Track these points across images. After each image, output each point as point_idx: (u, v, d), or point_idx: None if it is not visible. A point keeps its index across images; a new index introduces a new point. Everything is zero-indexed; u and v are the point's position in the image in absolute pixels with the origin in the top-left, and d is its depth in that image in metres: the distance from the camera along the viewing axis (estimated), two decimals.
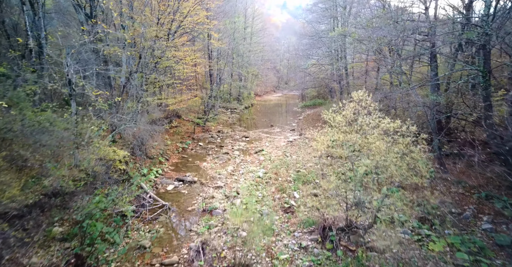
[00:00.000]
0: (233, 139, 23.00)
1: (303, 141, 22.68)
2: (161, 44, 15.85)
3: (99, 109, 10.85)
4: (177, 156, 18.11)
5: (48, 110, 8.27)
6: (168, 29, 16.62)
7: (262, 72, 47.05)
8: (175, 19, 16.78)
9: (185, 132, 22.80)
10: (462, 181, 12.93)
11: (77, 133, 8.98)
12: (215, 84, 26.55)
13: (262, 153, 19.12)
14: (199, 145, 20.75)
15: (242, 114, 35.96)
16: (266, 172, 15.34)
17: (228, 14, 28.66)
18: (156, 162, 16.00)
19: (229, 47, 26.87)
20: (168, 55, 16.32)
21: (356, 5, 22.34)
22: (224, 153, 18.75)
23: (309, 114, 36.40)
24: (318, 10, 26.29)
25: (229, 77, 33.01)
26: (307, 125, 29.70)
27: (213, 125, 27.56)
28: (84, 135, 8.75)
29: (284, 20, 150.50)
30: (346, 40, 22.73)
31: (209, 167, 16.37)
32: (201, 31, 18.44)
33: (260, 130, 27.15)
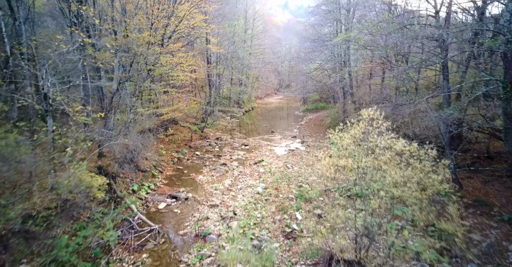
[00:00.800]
0: (232, 147, 21.99)
1: (305, 150, 21.65)
2: (155, 50, 14.85)
3: (83, 124, 9.86)
4: (172, 168, 17.11)
5: (14, 132, 7.29)
6: (162, 34, 15.63)
7: (263, 74, 45.99)
8: (170, 24, 15.79)
9: (182, 140, 21.81)
10: (479, 200, 11.86)
11: (54, 154, 8.01)
12: (214, 90, 25.54)
13: (262, 163, 18.09)
14: (195, 155, 19.74)
15: (242, 119, 34.97)
16: (266, 187, 14.31)
17: (227, 17, 27.66)
18: (148, 175, 15.00)
19: (228, 52, 25.86)
20: (163, 61, 15.32)
21: (361, 8, 21.31)
22: (221, 164, 17.73)
23: (311, 119, 35.37)
24: (321, 12, 25.24)
25: (229, 82, 32.03)
26: (309, 131, 28.68)
27: (212, 132, 26.58)
28: (63, 156, 7.78)
29: (286, 21, 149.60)
30: (351, 46, 21.66)
31: (205, 181, 15.35)
32: (198, 36, 17.49)
33: (261, 137, 26.13)
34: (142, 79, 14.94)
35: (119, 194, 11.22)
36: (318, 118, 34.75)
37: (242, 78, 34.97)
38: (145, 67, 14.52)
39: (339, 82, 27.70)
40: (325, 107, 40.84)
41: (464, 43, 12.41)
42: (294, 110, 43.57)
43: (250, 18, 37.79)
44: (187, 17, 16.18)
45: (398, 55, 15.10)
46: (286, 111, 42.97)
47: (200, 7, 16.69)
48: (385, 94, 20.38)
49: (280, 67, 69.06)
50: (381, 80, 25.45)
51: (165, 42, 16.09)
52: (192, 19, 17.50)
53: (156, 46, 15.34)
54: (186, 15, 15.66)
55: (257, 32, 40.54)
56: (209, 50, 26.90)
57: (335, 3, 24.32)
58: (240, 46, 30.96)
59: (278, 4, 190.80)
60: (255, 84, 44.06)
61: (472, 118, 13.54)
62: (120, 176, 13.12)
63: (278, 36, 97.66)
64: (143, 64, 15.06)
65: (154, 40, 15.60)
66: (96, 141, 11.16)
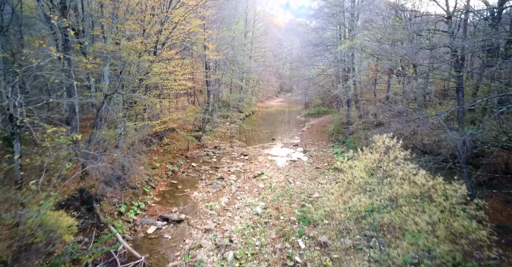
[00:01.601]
0: (230, 157, 20.89)
1: (307, 160, 20.52)
2: (147, 59, 13.78)
3: (61, 144, 8.78)
4: (166, 182, 16.02)
5: None
6: (155, 41, 14.56)
7: (264, 78, 44.84)
8: (163, 30, 14.72)
9: (178, 150, 20.72)
10: (503, 225, 10.72)
11: (21, 183, 6.96)
12: (212, 96, 24.45)
13: (262, 177, 16.98)
14: (191, 166, 18.65)
15: (242, 124, 33.86)
16: (265, 207, 13.20)
17: (226, 20, 26.53)
18: (139, 192, 13.92)
19: (227, 57, 24.76)
20: (155, 70, 14.24)
21: (366, 12, 20.16)
22: (218, 177, 16.63)
23: (313, 124, 34.23)
24: (323, 15, 24.07)
25: (228, 87, 30.93)
26: (311, 138, 27.55)
27: (210, 139, 25.50)
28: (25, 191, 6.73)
29: (287, 21, 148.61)
30: (356, 54, 20.47)
31: (200, 198, 14.26)
32: (194, 42, 16.43)
33: (261, 145, 25.02)
34: (133, 90, 13.85)
35: (102, 220, 10.14)
36: (321, 124, 33.61)
37: (242, 84, 33.85)
38: (136, 77, 13.44)
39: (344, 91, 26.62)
40: (327, 111, 39.69)
41: (482, 53, 11.26)
42: (296, 114, 42.43)
43: (251, 20, 36.65)
44: (182, 22, 15.10)
45: (408, 64, 13.96)
46: (287, 116, 41.84)
47: (196, 12, 15.59)
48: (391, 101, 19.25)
49: (281, 70, 67.93)
50: (387, 87, 24.33)
51: (158, 50, 15.01)
52: (188, 24, 16.43)
53: (148, 55, 14.27)
54: (180, 20, 14.57)
55: (258, 34, 39.39)
56: (207, 55, 25.86)
57: (339, 6, 23.17)
58: (239, 50, 29.80)
59: (280, 4, 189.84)
60: (256, 88, 42.94)
61: (491, 133, 12.39)
62: (107, 196, 12.03)
63: (280, 37, 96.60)
64: (134, 74, 13.99)
65: (147, 48, 14.55)
66: (78, 162, 10.10)
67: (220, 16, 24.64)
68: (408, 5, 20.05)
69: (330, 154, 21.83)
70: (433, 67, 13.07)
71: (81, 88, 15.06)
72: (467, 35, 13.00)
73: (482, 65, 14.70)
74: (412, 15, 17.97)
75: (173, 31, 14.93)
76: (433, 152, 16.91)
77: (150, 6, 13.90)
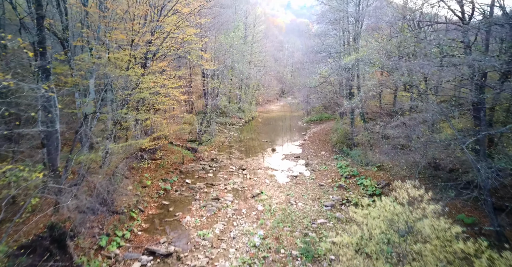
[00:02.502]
0: (227, 172, 19.61)
1: (310, 176, 19.23)
2: (135, 72, 12.52)
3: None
4: (156, 203, 14.76)
5: None
6: (145, 52, 13.31)
7: (264, 82, 43.53)
8: (154, 40, 13.47)
9: (172, 164, 19.46)
10: None
11: None
12: (210, 106, 23.17)
13: (261, 197, 15.71)
14: (185, 183, 17.39)
15: (241, 131, 32.59)
16: (264, 237, 11.91)
17: (224, 26, 25.26)
18: (125, 218, 12.65)
19: (225, 65, 23.49)
20: (144, 85, 12.97)
21: (374, 20, 18.90)
22: (214, 198, 15.35)
23: (315, 132, 32.92)
24: (326, 21, 22.75)
25: (226, 96, 29.64)
26: (314, 149, 26.26)
27: (208, 149, 24.25)
28: None
29: (288, 21, 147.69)
30: (362, 65, 19.16)
31: (192, 224, 12.98)
32: (188, 51, 15.20)
33: (261, 157, 23.75)
34: (122, 104, 12.59)
35: (75, 261, 8.86)
36: (323, 132, 32.30)
37: (241, 93, 32.59)
38: (123, 92, 12.18)
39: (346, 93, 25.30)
40: (329, 118, 38.40)
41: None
42: (297, 120, 41.14)
43: (251, 24, 35.33)
44: (175, 32, 13.85)
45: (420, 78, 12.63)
46: (288, 122, 40.55)
47: (190, 20, 14.32)
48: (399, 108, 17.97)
49: (282, 73, 66.63)
50: (393, 97, 23.04)
51: (148, 61, 13.76)
52: (181, 33, 15.18)
53: (137, 67, 13.02)
54: (173, 29, 13.31)
55: (258, 38, 38.06)
56: (202, 65, 24.64)
57: (343, 11, 21.87)
58: (239, 57, 28.44)
59: (281, 4, 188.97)
60: (256, 92, 41.65)
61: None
62: (86, 226, 10.76)
63: (281, 38, 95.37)
64: (121, 88, 12.73)
65: (136, 60, 13.31)
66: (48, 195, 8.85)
67: (218, 22, 23.35)
68: (417, 12, 18.75)
69: (334, 167, 20.54)
70: (455, 85, 11.74)
71: (64, 103, 13.81)
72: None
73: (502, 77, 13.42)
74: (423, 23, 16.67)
75: (165, 41, 13.67)
76: (445, 168, 15.64)
77: (138, 15, 12.64)
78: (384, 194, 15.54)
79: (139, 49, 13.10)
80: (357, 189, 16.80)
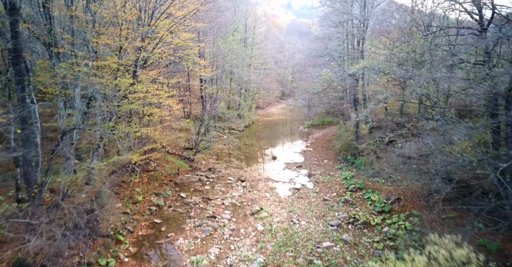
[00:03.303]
0: (225, 184, 18.46)
1: (313, 188, 18.06)
2: (123, 82, 11.38)
3: None
4: (147, 222, 13.61)
5: None
6: (134, 59, 12.18)
7: (265, 85, 42.32)
8: (144, 46, 12.33)
9: (166, 175, 18.33)
10: None
11: None
12: (208, 113, 22.03)
13: (261, 214, 14.56)
14: (180, 198, 16.25)
15: (241, 137, 31.44)
16: (264, 264, 10.77)
17: (222, 28, 24.07)
18: (111, 241, 11.51)
19: (222, 71, 22.33)
20: (135, 94, 11.83)
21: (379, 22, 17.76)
22: (210, 216, 14.20)
23: (317, 138, 31.76)
24: (330, 24, 21.54)
25: (225, 101, 28.50)
26: (316, 157, 25.11)
27: (205, 158, 23.10)
28: None
29: (289, 21, 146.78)
30: (369, 72, 18.02)
31: (185, 247, 11.83)
32: (182, 56, 14.06)
33: (261, 166, 22.61)
34: (107, 119, 11.46)
35: None
36: (326, 138, 31.13)
37: (240, 100, 31.43)
38: (108, 104, 11.04)
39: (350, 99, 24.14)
40: (332, 122, 37.23)
41: None
42: (298, 124, 39.97)
43: (251, 26, 34.13)
44: (168, 37, 12.71)
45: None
46: (289, 127, 39.39)
47: (185, 24, 13.15)
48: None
49: (283, 74, 65.44)
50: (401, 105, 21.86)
51: (139, 69, 12.62)
52: (175, 38, 14.04)
53: (127, 75, 11.88)
54: (165, 35, 12.17)
55: (259, 40, 36.80)
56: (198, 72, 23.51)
57: (347, 14, 20.70)
58: (238, 62, 27.18)
59: (282, 4, 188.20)
60: (256, 95, 40.45)
61: None
62: (64, 255, 9.62)
63: (281, 39, 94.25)
64: (111, 99, 11.59)
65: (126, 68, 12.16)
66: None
67: (216, 24, 22.17)
68: (426, 17, 17.60)
69: (338, 179, 19.38)
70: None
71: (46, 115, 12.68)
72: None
73: None
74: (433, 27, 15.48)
75: (157, 47, 12.52)
76: (471, 193, 14.31)
77: (127, 20, 11.50)
78: (394, 211, 14.41)
79: (128, 56, 11.96)
80: (364, 204, 15.64)
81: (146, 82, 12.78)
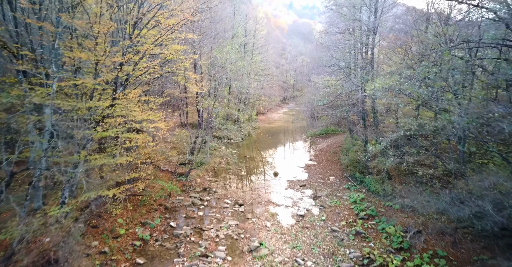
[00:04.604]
0: (221, 209, 16.65)
1: (319, 215, 16.21)
2: (98, 105, 9.61)
3: None
4: (128, 264, 11.79)
5: None
6: (113, 78, 10.40)
7: (266, 92, 40.38)
8: (126, 61, 10.55)
9: (156, 200, 16.53)
10: None
11: None
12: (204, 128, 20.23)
13: (260, 251, 12.73)
14: (169, 227, 14.44)
15: (240, 147, 29.64)
16: None
17: (220, 35, 22.20)
18: None
19: (219, 83, 20.53)
20: (111, 120, 10.02)
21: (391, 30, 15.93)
22: (201, 255, 12.37)
23: (322, 149, 29.92)
24: (336, 30, 19.67)
25: (222, 117, 26.67)
26: (321, 173, 23.28)
27: (200, 175, 21.32)
28: None
29: (291, 22, 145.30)
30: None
31: None
32: (172, 71, 12.27)
33: (261, 184, 20.81)
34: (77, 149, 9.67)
35: None
36: (330, 149, 29.29)
37: (239, 114, 29.60)
38: (79, 132, 9.23)
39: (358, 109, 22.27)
40: (336, 131, 35.44)
41: None
42: (300, 132, 38.15)
43: (251, 30, 32.22)
44: (155, 50, 10.90)
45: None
46: (291, 135, 37.57)
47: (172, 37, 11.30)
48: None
49: (284, 77, 63.58)
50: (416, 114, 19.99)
51: (118, 89, 10.82)
52: (165, 50, 12.24)
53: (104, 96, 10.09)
54: (149, 49, 10.37)
55: (259, 45, 34.87)
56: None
57: (356, 20, 18.83)
58: (236, 73, 25.29)
59: (283, 4, 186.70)
60: (257, 102, 38.58)
61: None
62: None
63: (283, 41, 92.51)
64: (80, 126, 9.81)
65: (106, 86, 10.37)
66: None
67: (213, 31, 20.32)
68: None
69: (346, 202, 17.56)
70: None
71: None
72: None
73: None
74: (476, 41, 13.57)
75: (140, 62, 10.72)
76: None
77: (103, 32, 9.70)
78: (414, 249, 12.56)
79: (105, 75, 10.16)
80: (379, 237, 13.81)
81: (130, 102, 10.96)
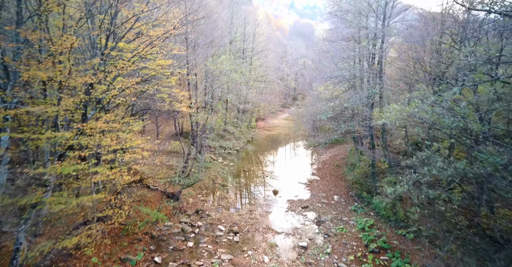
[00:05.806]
0: (214, 238, 14.95)
1: (324, 247, 14.46)
2: (60, 135, 7.92)
3: None
4: None
5: None
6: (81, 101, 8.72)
7: (266, 97, 38.69)
8: (97, 82, 8.86)
9: (141, 227, 14.85)
10: None
11: None
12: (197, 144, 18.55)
13: None
14: (154, 263, 12.75)
15: (238, 159, 27.95)
16: None
17: (216, 41, 20.53)
18: None
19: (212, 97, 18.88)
20: (80, 150, 8.36)
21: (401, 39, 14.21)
22: None
23: (324, 161, 28.22)
24: (341, 37, 17.92)
25: (217, 131, 25.04)
26: (325, 191, 21.58)
27: (193, 194, 19.66)
28: None
29: (292, 22, 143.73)
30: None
31: None
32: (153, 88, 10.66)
33: (259, 204, 19.13)
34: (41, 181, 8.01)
35: None
36: (334, 162, 27.57)
37: (234, 130, 27.93)
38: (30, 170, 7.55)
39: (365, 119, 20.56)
40: (339, 141, 33.68)
41: None
42: (302, 140, 36.47)
43: (250, 34, 30.46)
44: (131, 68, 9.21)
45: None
46: (292, 145, 35.86)
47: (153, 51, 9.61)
48: None
49: (285, 80, 61.83)
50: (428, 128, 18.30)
51: (89, 113, 9.15)
52: (148, 63, 10.56)
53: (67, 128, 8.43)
54: (126, 66, 8.70)
55: (259, 50, 33.11)
56: (191, 82, 19.99)
57: (363, 28, 17.10)
58: (232, 86, 23.60)
59: (284, 4, 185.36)
60: (256, 109, 36.89)
61: None
62: None
63: (284, 42, 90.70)
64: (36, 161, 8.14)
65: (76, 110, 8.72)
66: None
67: (211, 34, 18.65)
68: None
69: (354, 229, 15.85)
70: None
71: None
72: None
73: None
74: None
75: (113, 83, 9.03)
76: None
77: (67, 49, 8.02)
78: None
79: (70, 98, 8.46)
80: None
81: (99, 129, 9.25)
